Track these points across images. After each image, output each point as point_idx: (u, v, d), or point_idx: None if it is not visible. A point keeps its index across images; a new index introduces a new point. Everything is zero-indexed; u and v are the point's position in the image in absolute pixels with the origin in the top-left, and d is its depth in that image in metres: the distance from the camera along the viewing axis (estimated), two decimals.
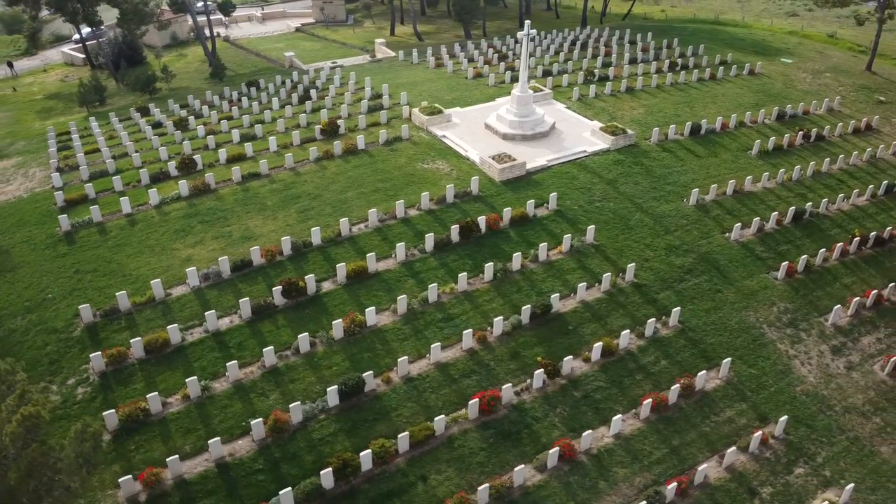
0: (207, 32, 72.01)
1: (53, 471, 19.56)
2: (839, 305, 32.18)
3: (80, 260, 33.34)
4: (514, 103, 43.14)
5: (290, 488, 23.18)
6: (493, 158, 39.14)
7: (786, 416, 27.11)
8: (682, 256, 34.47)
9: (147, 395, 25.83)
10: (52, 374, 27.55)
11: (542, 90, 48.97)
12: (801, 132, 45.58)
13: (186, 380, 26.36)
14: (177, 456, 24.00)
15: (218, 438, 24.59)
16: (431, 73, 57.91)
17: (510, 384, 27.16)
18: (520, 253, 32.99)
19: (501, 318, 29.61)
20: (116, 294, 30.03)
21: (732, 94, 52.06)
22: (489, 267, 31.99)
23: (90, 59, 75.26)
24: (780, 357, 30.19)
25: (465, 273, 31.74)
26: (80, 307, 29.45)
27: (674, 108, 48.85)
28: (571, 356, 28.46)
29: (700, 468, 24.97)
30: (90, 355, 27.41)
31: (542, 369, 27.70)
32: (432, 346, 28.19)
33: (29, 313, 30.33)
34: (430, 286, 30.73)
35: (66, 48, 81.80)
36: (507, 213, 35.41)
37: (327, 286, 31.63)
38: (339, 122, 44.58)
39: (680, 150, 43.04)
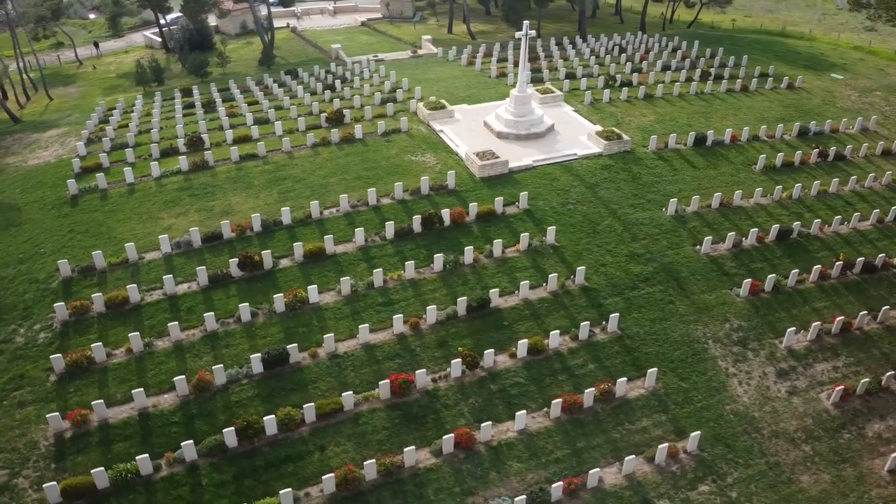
0: (270, 23, 75.60)
1: None
2: (793, 328, 30.86)
3: (76, 221, 36.63)
4: (512, 103, 43.51)
5: (191, 441, 25.04)
6: (477, 155, 39.75)
7: (699, 432, 26.49)
8: (643, 265, 33.97)
9: (92, 345, 28.36)
10: (23, 319, 30.65)
11: (553, 92, 48.96)
12: (816, 150, 43.51)
13: (129, 335, 28.73)
14: (102, 401, 26.31)
15: (142, 389, 26.74)
16: (460, 70, 58.89)
17: (425, 370, 27.95)
18: (472, 247, 33.56)
19: (435, 307, 30.38)
20: (93, 253, 32.94)
21: (759, 107, 50.15)
22: (439, 258, 32.77)
23: (165, 43, 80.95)
24: (718, 374, 29.37)
25: (413, 262, 32.66)
26: (59, 262, 32.52)
27: (688, 117, 47.66)
28: (493, 350, 28.86)
29: (593, 471, 24.89)
30: (54, 305, 30.32)
31: (460, 359, 28.29)
32: (361, 326, 29.35)
33: (20, 264, 33.73)
34: (375, 271, 31.88)
35: (148, 32, 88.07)
36: (473, 208, 35.99)
37: (285, 263, 33.37)
38: (346, 111, 46.33)
39: (677, 160, 42.10)
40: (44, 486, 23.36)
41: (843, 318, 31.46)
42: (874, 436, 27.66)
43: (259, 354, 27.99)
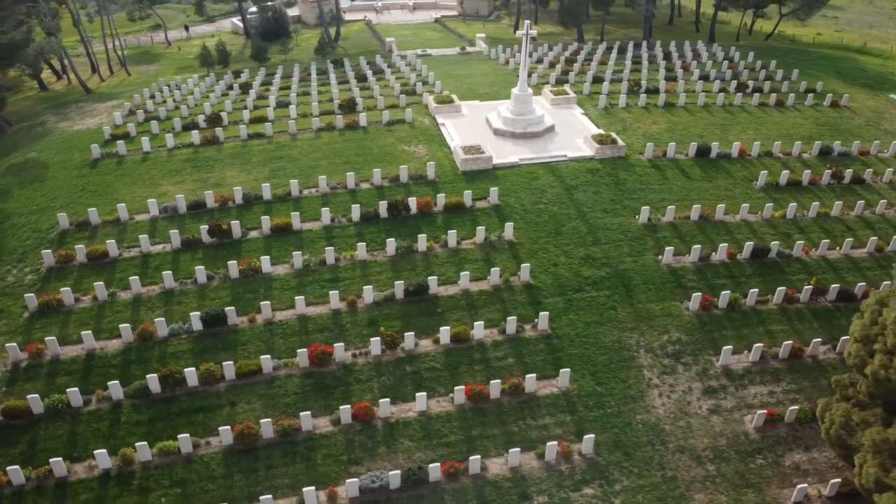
0: (337, 15, 79.06)
1: None
2: (731, 347, 29.81)
3: (90, 182, 40.56)
4: (512, 101, 43.92)
5: (118, 381, 27.66)
6: (463, 149, 40.55)
7: (593, 435, 26.34)
8: (596, 269, 33.73)
9: (62, 289, 31.68)
10: (18, 262, 34.55)
11: (566, 94, 48.81)
12: (830, 171, 41.19)
13: (94, 284, 31.85)
14: (55, 338, 29.45)
15: (91, 332, 29.68)
16: (492, 68, 59.62)
17: (344, 344, 29.32)
18: (425, 235, 34.52)
19: (372, 287, 31.66)
20: (88, 210, 36.52)
21: (788, 124, 47.86)
22: (391, 242, 33.99)
23: (246, 29, 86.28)
24: (638, 383, 28.92)
25: (364, 243, 34.05)
26: (58, 215, 36.31)
27: (704, 128, 46.24)
28: (414, 333, 29.78)
29: (474, 458, 25.42)
30: (42, 251, 33.99)
31: (379, 338, 29.45)
32: (297, 298, 31.10)
33: (31, 214, 37.87)
34: (327, 248, 33.53)
35: (236, 19, 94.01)
36: (441, 199, 36.89)
37: (254, 234, 35.64)
38: (358, 100, 48.26)
39: (671, 170, 41.13)
40: None
41: (791, 342, 30.06)
42: (791, 466, 26.46)
43: (199, 313, 30.31)
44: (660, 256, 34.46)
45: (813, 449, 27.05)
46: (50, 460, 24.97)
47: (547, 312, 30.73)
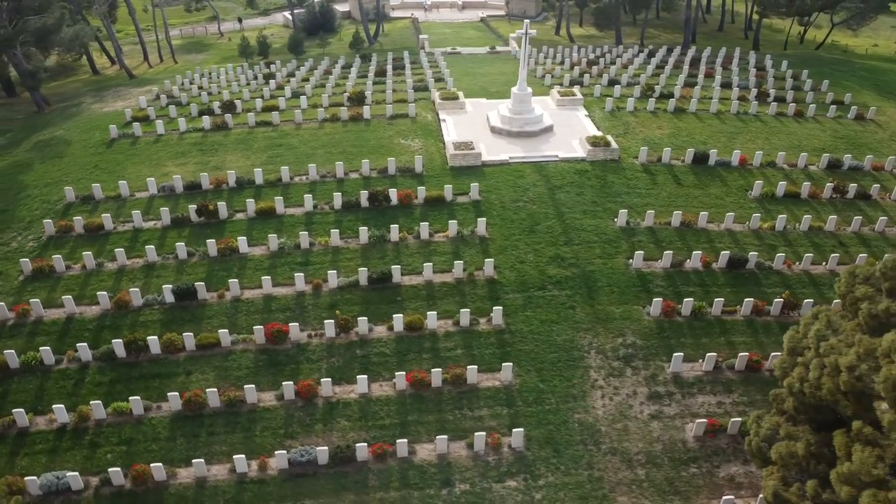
0: (378, 11, 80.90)
1: None
2: (681, 354, 29.40)
3: (103, 160, 43.16)
4: (511, 100, 44.22)
5: (86, 344, 29.61)
6: (454, 145, 41.15)
7: (522, 429, 26.60)
8: (563, 269, 33.78)
9: (53, 256, 34.02)
10: (24, 230, 37.23)
11: (573, 95, 48.68)
12: (832, 184, 39.81)
13: (84, 253, 34.06)
14: (39, 300, 31.72)
15: (71, 297, 31.82)
16: (513, 67, 59.71)
17: (298, 324, 30.47)
18: (398, 225, 35.32)
19: (336, 272, 32.72)
20: (92, 185, 38.95)
21: (802, 134, 46.40)
22: (363, 230, 34.97)
23: (294, 23, 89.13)
24: (583, 383, 28.93)
25: (338, 230, 35.14)
26: (65, 189, 38.87)
27: (709, 135, 45.36)
28: (367, 318, 30.65)
29: (401, 441, 26.11)
30: (44, 221, 36.52)
31: (333, 321, 30.48)
32: (264, 278, 32.46)
33: (45, 187, 40.65)
34: (301, 233, 34.79)
35: (287, 13, 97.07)
36: (422, 192, 37.62)
37: (239, 216, 37.28)
38: (367, 94, 49.46)
39: (662, 175, 40.61)
40: None
41: (748, 354, 29.45)
42: (726, 477, 26.03)
43: (171, 286, 32.05)
44: (630, 260, 34.21)
45: (751, 462, 26.48)
46: (13, 411, 27.04)
47: (501, 307, 31.08)
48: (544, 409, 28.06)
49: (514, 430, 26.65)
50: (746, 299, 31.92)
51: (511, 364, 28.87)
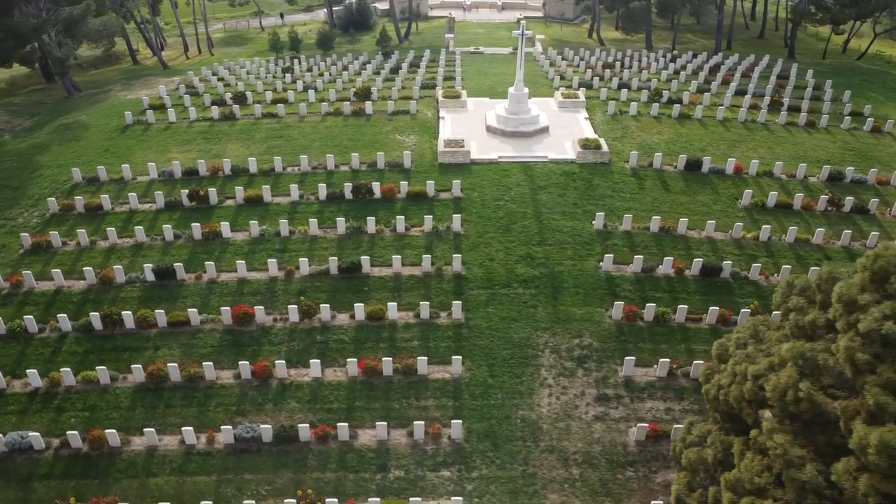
0: (411, 11, 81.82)
1: None
2: (633, 358, 29.31)
3: (114, 144, 45.41)
4: (508, 100, 44.53)
5: (67, 315, 31.46)
6: (444, 142, 41.75)
7: (461, 421, 27.08)
8: (532, 268, 34.00)
9: (51, 232, 36.15)
10: (32, 207, 39.61)
11: (576, 97, 48.62)
12: (827, 197, 38.76)
13: (78, 230, 36.08)
14: (31, 273, 33.80)
15: (61, 271, 33.80)
16: (529, 68, 59.80)
17: (264, 308, 31.65)
18: (374, 218, 36.16)
19: (308, 260, 33.78)
20: (97, 167, 41.11)
21: (809, 145, 45.23)
22: (340, 221, 35.95)
23: (330, 19, 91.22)
24: (532, 381, 29.18)
25: (317, 220, 36.21)
26: (72, 169, 41.14)
27: (709, 142, 44.68)
28: (329, 305, 31.59)
29: (342, 425, 26.93)
30: (48, 199, 38.77)
31: (297, 306, 31.54)
32: (238, 262, 33.77)
33: (57, 167, 43.06)
34: (281, 221, 36.00)
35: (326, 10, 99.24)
36: (405, 186, 38.37)
37: (229, 203, 38.77)
38: (373, 89, 50.49)
39: (651, 180, 40.28)
40: None
41: (702, 362, 29.12)
42: (662, 483, 25.93)
43: (151, 265, 33.69)
44: (600, 263, 34.18)
45: None
46: None
47: (460, 302, 31.59)
48: (489, 404, 28.44)
49: (453, 421, 27.14)
50: (712, 308, 31.56)
51: (460, 357, 29.37)
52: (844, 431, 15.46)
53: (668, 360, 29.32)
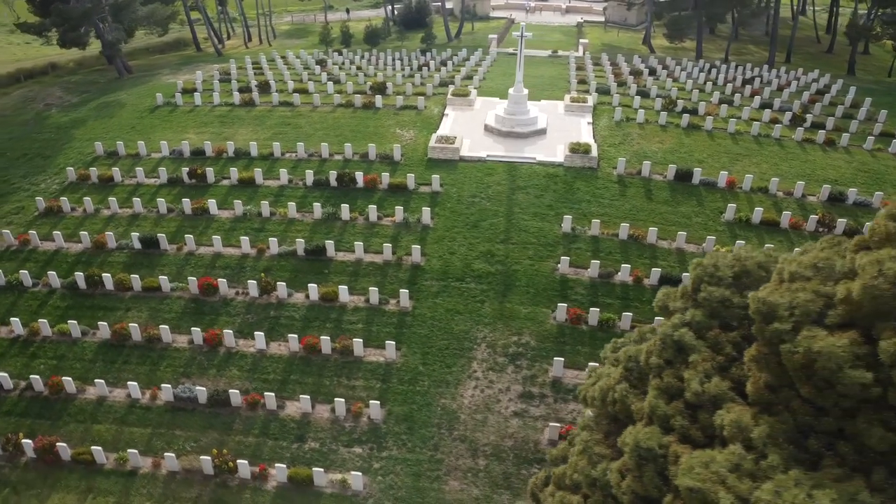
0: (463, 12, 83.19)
1: None
2: (563, 359, 29.50)
3: (141, 122, 49.01)
4: (507, 101, 45.05)
5: (55, 272, 34.65)
6: (437, 138, 42.81)
7: (378, 402, 28.18)
8: (489, 265, 34.59)
9: (61, 198, 39.71)
10: (55, 174, 43.48)
11: (584, 102, 48.50)
12: (816, 217, 37.29)
13: (84, 198, 39.46)
14: (35, 233, 37.33)
15: (61, 233, 37.17)
16: (558, 71, 60.14)
17: (227, 281, 33.76)
18: (348, 206, 37.68)
19: (277, 240, 35.70)
20: (117, 143, 44.61)
21: (820, 163, 43.45)
22: (317, 206, 37.68)
23: (386, 16, 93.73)
24: (461, 372, 29.89)
25: (295, 203, 38.09)
26: (95, 143, 44.82)
27: (710, 154, 43.65)
28: (286, 284, 33.33)
29: (269, 394, 28.60)
30: (67, 169, 42.50)
31: (256, 282, 33.49)
32: (214, 237, 36.09)
33: (86, 141, 46.93)
34: (262, 202, 38.11)
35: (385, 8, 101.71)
36: (386, 177, 39.72)
37: (224, 182, 41.30)
38: (388, 84, 52.08)
39: (635, 188, 39.88)
40: None
41: None
42: None
43: (138, 234, 36.53)
44: (557, 265, 34.40)
45: None
46: None
47: (408, 291, 32.64)
48: (414, 390, 29.40)
49: (372, 401, 28.30)
50: (658, 318, 31.19)
51: (394, 343, 30.46)
52: None
53: (596, 363, 29.31)
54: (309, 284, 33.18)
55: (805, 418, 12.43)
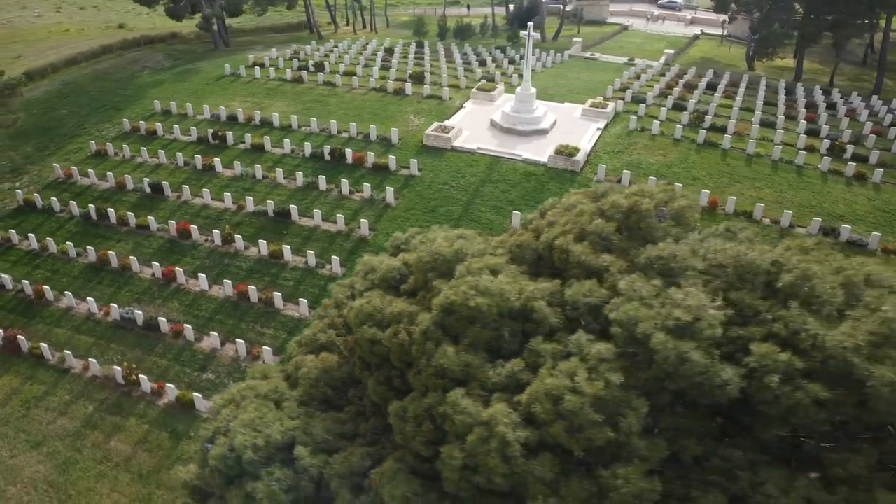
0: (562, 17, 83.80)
1: None
2: None
3: (204, 88, 55.26)
4: (514, 99, 45.86)
5: (76, 202, 40.98)
6: (435, 126, 44.73)
7: (270, 349, 31.04)
8: None
9: (107, 143, 46.42)
10: (117, 124, 50.53)
11: (603, 108, 47.94)
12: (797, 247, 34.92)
13: (123, 146, 45.85)
14: (77, 169, 44.12)
15: (94, 171, 43.66)
16: (603, 77, 59.32)
17: (197, 227, 38.16)
18: (325, 177, 40.77)
19: (252, 199, 39.66)
20: (170, 103, 50.99)
21: (836, 196, 40.17)
22: (300, 175, 41.19)
23: (507, 12, 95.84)
24: None
25: (282, 169, 41.83)
26: (154, 101, 51.49)
27: (710, 174, 41.79)
28: (243, 237, 37.08)
29: (188, 326, 32.46)
30: (123, 120, 49.34)
31: (220, 233, 37.60)
32: (204, 190, 40.78)
33: (153, 99, 53.73)
34: (256, 165, 42.26)
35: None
36: (371, 156, 42.37)
37: (240, 146, 46.03)
38: (426, 74, 54.49)
39: None
40: None
41: None
42: None
43: (148, 180, 42.09)
44: None
45: None
46: (10, 231, 39.36)
47: (338, 257, 35.20)
48: None
49: (264, 347, 31.29)
50: None
51: (306, 301, 33.19)
52: None
53: None
54: (259, 241, 36.75)
55: None
